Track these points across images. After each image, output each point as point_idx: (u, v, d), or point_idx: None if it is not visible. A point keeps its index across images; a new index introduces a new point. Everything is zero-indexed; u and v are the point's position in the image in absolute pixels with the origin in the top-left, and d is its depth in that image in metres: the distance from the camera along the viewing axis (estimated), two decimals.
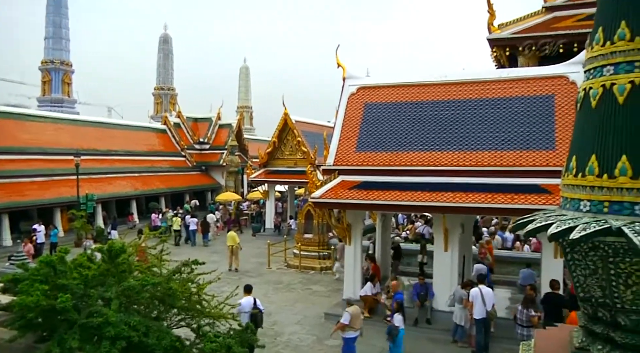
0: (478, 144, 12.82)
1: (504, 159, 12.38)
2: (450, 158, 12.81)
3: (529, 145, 12.39)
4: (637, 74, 3.72)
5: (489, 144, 12.75)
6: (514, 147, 12.49)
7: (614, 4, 3.91)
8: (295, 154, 28.16)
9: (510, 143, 12.59)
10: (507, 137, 12.74)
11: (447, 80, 14.22)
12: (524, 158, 12.25)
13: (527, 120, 12.78)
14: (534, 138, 12.46)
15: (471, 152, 12.78)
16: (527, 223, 4.25)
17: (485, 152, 12.66)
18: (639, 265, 3.73)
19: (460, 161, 12.67)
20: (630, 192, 3.71)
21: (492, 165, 12.38)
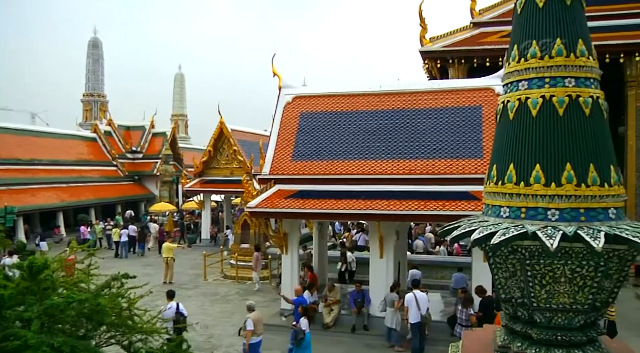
0: (411, 153, 13.21)
1: (435, 168, 12.81)
2: (385, 167, 13.12)
3: (458, 154, 12.89)
4: (547, 89, 4.02)
5: (422, 152, 13.17)
6: (444, 156, 12.95)
7: (527, 25, 4.21)
8: (231, 163, 27.90)
9: (442, 152, 13.05)
10: (439, 146, 13.19)
11: (382, 91, 14.58)
12: (454, 166, 12.72)
13: (457, 130, 13.30)
14: (463, 147, 12.97)
15: (405, 160, 13.14)
16: (453, 229, 4.46)
17: (418, 161, 13.06)
18: (551, 266, 4.01)
19: (395, 170, 13.00)
20: (544, 199, 3.98)
21: (425, 173, 12.77)
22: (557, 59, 4.03)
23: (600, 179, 3.96)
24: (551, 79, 4.03)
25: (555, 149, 3.95)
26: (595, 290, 4.08)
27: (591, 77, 4.10)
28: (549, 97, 3.99)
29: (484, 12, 21.43)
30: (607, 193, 3.99)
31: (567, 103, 3.97)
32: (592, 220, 3.95)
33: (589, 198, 3.94)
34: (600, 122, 4.08)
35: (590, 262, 3.97)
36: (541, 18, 4.17)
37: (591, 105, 4.01)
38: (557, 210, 3.95)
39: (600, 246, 3.62)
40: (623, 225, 3.98)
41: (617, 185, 4.07)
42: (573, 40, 4.07)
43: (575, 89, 4.00)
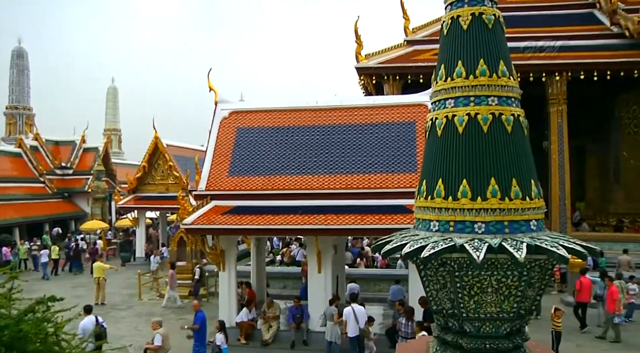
0: (348, 168, 13.39)
1: (371, 182, 13.04)
2: (322, 181, 13.22)
3: (394, 168, 13.18)
4: (472, 108, 4.21)
5: (358, 167, 13.37)
6: (380, 170, 13.21)
7: (452, 46, 4.41)
8: (166, 179, 27.24)
9: (377, 166, 13.30)
10: (374, 160, 13.45)
11: (319, 107, 14.74)
12: (389, 180, 13.00)
13: (392, 145, 13.62)
14: (398, 161, 13.29)
15: (341, 175, 13.30)
16: (385, 244, 4.55)
17: (355, 175, 13.24)
18: (479, 277, 4.17)
19: (332, 184, 13.12)
20: (470, 212, 4.14)
21: (361, 188, 12.97)
22: (480, 79, 4.24)
23: (522, 193, 4.17)
24: (476, 97, 4.23)
25: (480, 165, 4.13)
26: (520, 298, 4.27)
27: (512, 96, 4.33)
28: (474, 115, 4.18)
29: (417, 30, 22.19)
30: (529, 206, 4.21)
31: (490, 121, 4.17)
32: (515, 232, 4.14)
33: (512, 212, 4.13)
34: (521, 139, 4.30)
35: (515, 272, 4.16)
36: (466, 40, 4.37)
37: (513, 122, 4.23)
38: (483, 223, 4.12)
39: (523, 257, 3.80)
40: (543, 236, 4.21)
41: (538, 198, 4.30)
42: (495, 61, 4.30)
43: (498, 107, 4.21)
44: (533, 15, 22.59)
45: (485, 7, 4.41)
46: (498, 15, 4.46)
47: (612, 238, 20.20)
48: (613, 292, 13.25)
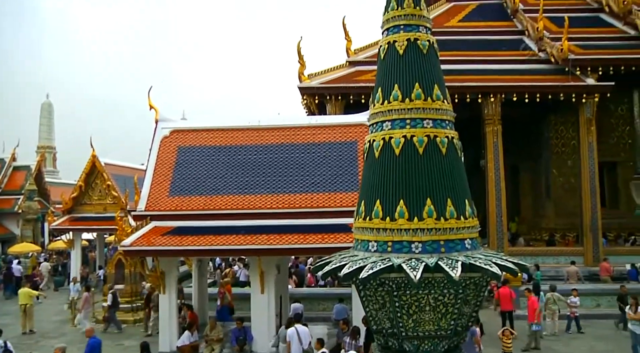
0: (291, 187, 13.39)
1: (314, 201, 13.09)
2: (265, 201, 13.16)
3: (336, 188, 13.30)
4: (408, 130, 4.33)
5: (301, 186, 13.40)
6: (323, 190, 13.29)
7: (389, 70, 4.54)
8: (104, 199, 26.26)
9: (320, 185, 13.39)
10: (317, 180, 13.53)
11: (261, 126, 14.72)
12: (332, 199, 13.09)
13: (335, 164, 13.76)
14: (341, 181, 13.43)
15: (285, 194, 13.28)
16: (325, 265, 4.57)
17: (298, 195, 13.26)
18: (417, 296, 4.25)
19: (274, 204, 13.08)
20: (407, 232, 4.23)
21: (304, 207, 12.99)
22: (416, 102, 4.38)
23: (457, 213, 4.30)
24: (412, 120, 4.36)
25: (416, 186, 4.24)
26: (457, 316, 4.38)
27: (446, 119, 4.49)
28: (410, 137, 4.30)
29: (359, 51, 22.68)
30: (464, 226, 4.34)
31: (426, 143, 4.30)
32: (451, 251, 4.26)
33: (447, 231, 4.25)
34: (455, 160, 4.46)
35: (451, 290, 4.27)
36: (402, 64, 4.51)
37: (447, 144, 4.38)
38: (420, 243, 4.22)
39: (458, 275, 3.91)
40: (478, 254, 4.35)
41: (472, 218, 4.45)
42: (430, 86, 4.45)
43: (433, 130, 4.35)
44: (469, 39, 23.60)
45: (420, 34, 4.57)
46: (432, 41, 4.63)
47: (545, 253, 21.09)
48: (533, 302, 13.97)
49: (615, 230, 22.91)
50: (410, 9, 4.60)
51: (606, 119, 23.61)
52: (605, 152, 22.79)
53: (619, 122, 24.15)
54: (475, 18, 25.43)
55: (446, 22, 24.78)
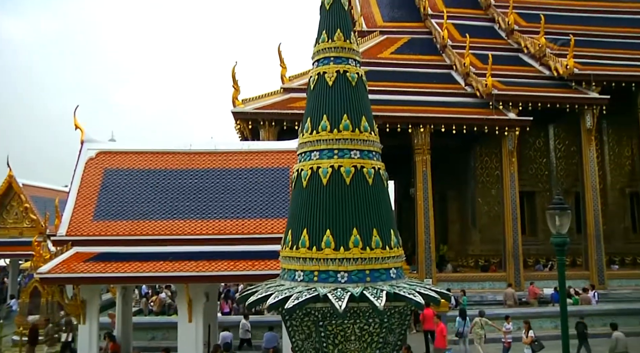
0: (222, 213, 13.17)
1: (245, 227, 12.92)
2: (194, 227, 12.85)
3: (268, 214, 13.21)
4: (336, 160, 4.39)
5: (232, 212, 13.21)
6: (255, 216, 13.16)
7: (318, 100, 4.61)
8: (21, 223, 24.75)
9: (252, 211, 13.25)
10: (249, 205, 13.39)
11: (193, 150, 14.47)
12: (264, 226, 12.98)
13: (267, 190, 13.69)
14: (272, 207, 13.35)
15: (215, 220, 13.04)
16: (251, 294, 4.50)
17: (229, 221, 13.05)
18: (342, 326, 4.26)
19: (204, 230, 12.80)
20: (334, 262, 4.26)
21: (235, 233, 12.79)
22: (344, 133, 4.46)
23: (382, 242, 4.38)
24: (339, 150, 4.43)
25: (343, 215, 4.29)
26: (382, 345, 4.42)
27: (373, 150, 4.60)
28: (338, 167, 4.37)
29: (293, 78, 22.91)
30: (389, 255, 4.42)
31: (353, 173, 4.38)
32: (376, 280, 4.32)
33: (373, 261, 4.31)
34: (381, 190, 4.55)
35: (376, 320, 4.31)
36: (331, 95, 4.60)
37: (374, 175, 4.48)
38: (346, 272, 4.25)
39: (382, 304, 3.96)
40: (402, 284, 4.43)
41: (397, 247, 4.54)
42: (358, 117, 4.56)
43: (360, 160, 4.44)
44: (401, 71, 24.42)
45: (349, 66, 4.69)
46: (361, 74, 4.76)
47: (471, 278, 21.82)
48: (442, 329, 14.41)
49: (534, 255, 24.13)
50: (341, 41, 4.73)
51: (526, 151, 25.06)
52: (525, 182, 24.13)
53: (537, 154, 25.66)
54: (407, 51, 26.43)
55: (379, 54, 25.58)
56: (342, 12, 4.88)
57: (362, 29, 27.63)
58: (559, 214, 9.33)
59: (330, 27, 4.78)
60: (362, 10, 28.89)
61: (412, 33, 28.09)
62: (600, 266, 21.83)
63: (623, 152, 26.08)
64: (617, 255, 24.30)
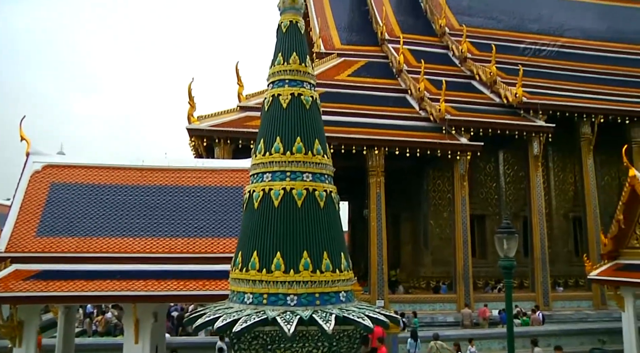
0: (173, 231, 12.90)
1: (197, 246, 12.68)
2: (144, 244, 12.52)
3: (221, 233, 13.02)
4: (288, 182, 4.40)
5: (184, 230, 12.95)
6: (207, 234, 12.95)
7: (272, 122, 4.63)
8: None
9: (204, 230, 13.03)
10: (201, 224, 13.17)
11: (145, 166, 14.16)
12: (216, 245, 12.77)
13: (220, 209, 13.51)
14: (225, 226, 13.18)
15: (165, 238, 12.74)
16: (199, 317, 4.41)
17: (180, 239, 12.79)
18: (291, 350, 4.22)
19: (154, 248, 12.48)
20: (284, 285, 4.23)
21: (186, 252, 12.53)
22: (297, 156, 4.48)
23: (332, 266, 4.39)
24: (292, 173, 4.44)
25: (294, 238, 4.29)
26: None
27: (325, 173, 4.63)
28: (290, 190, 4.38)
29: (250, 97, 22.88)
30: (339, 279, 4.43)
31: (304, 196, 4.40)
32: (325, 303, 4.31)
33: (323, 284, 4.31)
34: (333, 214, 4.58)
35: (325, 343, 4.30)
36: (285, 117, 4.63)
37: (325, 198, 4.50)
38: (295, 295, 4.23)
39: (331, 328, 3.95)
40: (352, 307, 4.44)
41: (347, 271, 4.56)
42: (311, 140, 4.59)
43: (312, 183, 4.46)
44: (358, 93, 24.82)
45: (304, 89, 4.74)
46: (315, 97, 4.81)
47: (422, 300, 22.08)
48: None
49: (484, 277, 24.68)
50: (296, 65, 4.78)
51: (477, 175, 25.78)
52: (476, 206, 24.75)
53: (487, 178, 26.44)
54: (364, 74, 26.90)
55: (337, 76, 25.93)
56: (299, 35, 4.93)
57: (321, 50, 28.00)
58: (506, 238, 9.61)
59: (286, 50, 4.83)
60: (320, 32, 29.29)
61: (369, 57, 28.66)
62: (546, 288, 22.52)
63: (567, 179, 27.20)
64: (561, 278, 25.16)
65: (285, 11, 5.02)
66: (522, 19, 32.99)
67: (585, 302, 23.15)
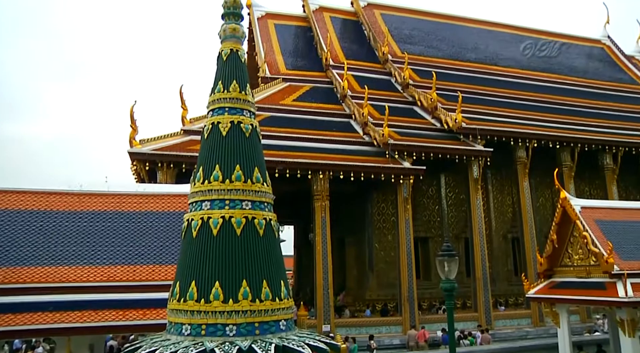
0: (111, 258, 12.45)
1: (137, 274, 12.29)
2: (80, 273, 12.01)
3: (162, 260, 12.68)
4: (227, 211, 4.37)
5: (123, 257, 12.54)
6: (148, 261, 12.58)
7: (211, 150, 4.60)
8: None
9: (145, 257, 12.66)
10: (142, 250, 12.79)
11: (83, 191, 13.68)
12: (157, 272, 12.42)
13: (162, 235, 13.19)
14: (167, 252, 12.85)
15: (104, 266, 12.28)
16: (135, 350, 4.26)
17: (119, 267, 12.35)
18: None
19: (91, 276, 11.99)
20: (222, 315, 4.17)
21: (126, 280, 12.10)
22: (236, 184, 4.47)
23: (272, 294, 4.36)
24: (231, 201, 4.42)
25: (233, 267, 4.24)
26: None
27: (265, 201, 4.63)
28: (229, 218, 4.35)
29: (194, 121, 22.62)
30: (279, 307, 4.41)
31: (244, 224, 4.37)
32: (265, 333, 4.27)
33: (262, 313, 4.28)
34: (272, 241, 4.57)
35: None
36: (224, 145, 4.61)
37: (265, 226, 4.50)
38: (234, 325, 4.17)
39: None
40: (292, 336, 4.41)
41: (287, 299, 4.54)
42: (250, 168, 4.59)
43: (251, 211, 4.45)
44: (303, 118, 25.04)
45: (244, 117, 4.75)
46: (255, 125, 4.83)
47: (369, 323, 22.15)
48: None
49: (428, 299, 25.07)
50: (236, 92, 4.79)
51: (420, 199, 26.35)
52: (419, 228, 25.26)
53: (430, 201, 27.08)
54: (309, 99, 27.21)
55: (282, 100, 26.10)
56: (239, 63, 4.96)
57: (266, 75, 28.15)
58: (447, 260, 9.85)
59: (226, 78, 4.84)
60: (266, 57, 29.48)
61: (314, 82, 29.05)
62: (488, 307, 23.12)
63: (505, 201, 28.24)
64: (502, 297, 25.90)
65: (225, 39, 5.04)
66: (460, 48, 34.48)
67: (524, 319, 23.95)
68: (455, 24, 37.00)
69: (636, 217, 14.99)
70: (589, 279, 13.49)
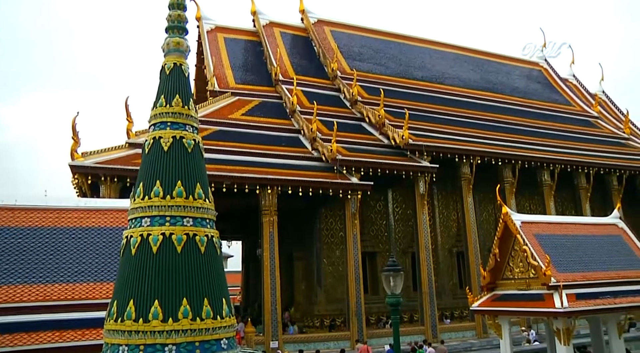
0: (48, 276, 11.90)
1: (76, 292, 11.79)
2: (13, 293, 11.40)
3: (103, 277, 12.23)
4: (167, 227, 4.28)
5: (61, 275, 12.01)
6: (88, 279, 12.10)
7: (152, 165, 4.51)
8: None
9: (85, 274, 12.17)
10: (82, 268, 12.30)
11: (17, 206, 13.04)
12: (97, 290, 11.95)
13: (103, 251, 12.73)
14: (108, 269, 12.40)
15: (40, 285, 11.71)
16: None
17: (56, 285, 11.82)
18: None
19: (25, 296, 11.41)
20: (162, 334, 4.06)
21: (63, 299, 11.58)
22: (177, 200, 4.39)
23: (213, 312, 4.29)
24: (172, 217, 4.33)
25: (173, 285, 4.15)
26: None
27: (207, 218, 4.57)
28: (169, 235, 4.26)
29: (140, 134, 22.09)
30: (220, 325, 4.34)
31: (185, 241, 4.29)
32: (206, 352, 4.19)
33: (203, 332, 4.20)
34: (214, 259, 4.50)
35: None
36: (166, 160, 4.53)
37: (206, 243, 4.43)
38: (174, 345, 4.07)
39: None
40: None
41: (229, 317, 4.48)
42: (192, 184, 4.53)
43: (192, 228, 4.38)
44: (251, 133, 24.95)
45: (186, 132, 4.68)
46: (198, 141, 4.77)
47: (317, 339, 22.08)
48: None
49: (376, 313, 25.26)
50: (179, 107, 4.72)
51: (368, 214, 26.66)
52: (367, 243, 25.53)
53: (378, 216, 27.44)
54: (258, 113, 27.15)
55: (230, 114, 25.92)
56: (182, 77, 4.90)
57: (215, 89, 27.92)
58: (392, 276, 9.97)
59: (169, 92, 4.78)
60: (215, 70, 29.27)
61: (264, 96, 29.05)
62: (434, 321, 23.53)
63: (450, 216, 28.97)
64: (447, 310, 26.41)
65: (169, 53, 4.98)
66: (408, 66, 35.39)
67: (469, 332, 24.53)
68: (403, 43, 37.99)
69: (572, 230, 15.67)
70: (529, 291, 13.95)
